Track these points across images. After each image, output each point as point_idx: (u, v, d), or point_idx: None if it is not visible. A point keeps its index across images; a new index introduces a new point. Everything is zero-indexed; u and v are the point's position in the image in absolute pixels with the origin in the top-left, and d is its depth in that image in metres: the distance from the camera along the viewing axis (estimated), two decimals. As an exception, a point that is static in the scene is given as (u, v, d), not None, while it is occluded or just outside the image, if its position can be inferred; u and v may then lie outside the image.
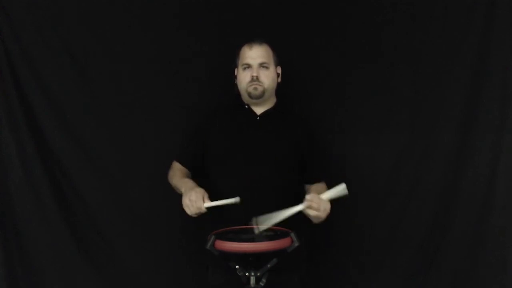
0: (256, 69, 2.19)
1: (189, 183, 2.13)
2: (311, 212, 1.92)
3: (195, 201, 1.98)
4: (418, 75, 2.53)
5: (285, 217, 1.89)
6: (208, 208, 1.99)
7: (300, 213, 2.03)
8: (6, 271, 2.38)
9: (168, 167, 2.34)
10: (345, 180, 2.45)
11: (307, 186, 2.26)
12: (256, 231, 1.87)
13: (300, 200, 2.26)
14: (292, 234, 1.82)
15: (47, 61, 2.43)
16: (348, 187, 1.94)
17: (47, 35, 2.43)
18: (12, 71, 2.39)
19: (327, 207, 1.94)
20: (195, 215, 2.01)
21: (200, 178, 2.25)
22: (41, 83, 2.43)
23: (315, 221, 1.98)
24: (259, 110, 2.26)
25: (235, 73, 2.28)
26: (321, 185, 2.25)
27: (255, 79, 2.18)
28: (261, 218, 1.88)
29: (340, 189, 1.93)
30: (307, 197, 1.93)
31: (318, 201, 1.92)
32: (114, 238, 2.52)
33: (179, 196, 2.18)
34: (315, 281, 2.51)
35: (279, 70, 2.28)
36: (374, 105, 2.56)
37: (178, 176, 2.25)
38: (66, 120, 2.46)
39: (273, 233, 1.88)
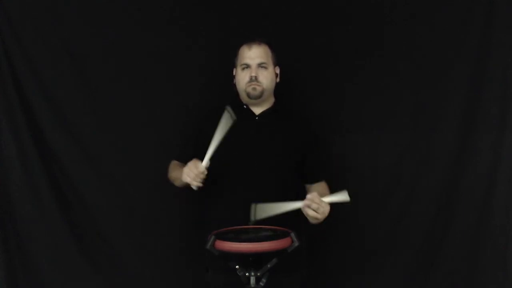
0: (255, 69, 2.18)
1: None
2: (310, 212, 1.92)
3: (192, 165, 1.99)
4: (418, 75, 2.54)
5: (284, 211, 1.89)
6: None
7: (301, 213, 2.03)
8: (6, 271, 2.39)
9: (168, 167, 2.34)
10: (345, 180, 2.47)
11: (307, 186, 2.26)
12: (252, 218, 1.87)
13: (300, 200, 2.26)
14: (292, 234, 1.82)
15: (47, 61, 2.44)
16: (349, 187, 1.93)
17: (47, 35, 2.43)
18: (12, 71, 2.39)
19: (326, 209, 1.94)
20: (199, 181, 2.00)
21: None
22: (41, 83, 2.43)
23: (312, 221, 1.98)
24: (257, 110, 2.25)
25: (234, 73, 2.28)
26: (322, 185, 2.25)
27: (253, 79, 2.18)
28: (260, 205, 1.89)
29: (341, 196, 1.93)
30: (308, 196, 1.93)
31: (319, 202, 1.92)
32: (114, 238, 2.52)
33: (179, 196, 2.19)
34: (315, 281, 2.51)
35: (278, 70, 2.27)
36: (374, 105, 2.56)
37: (177, 169, 2.25)
38: (66, 120, 2.46)
39: (273, 233, 1.88)
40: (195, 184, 2.00)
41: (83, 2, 2.47)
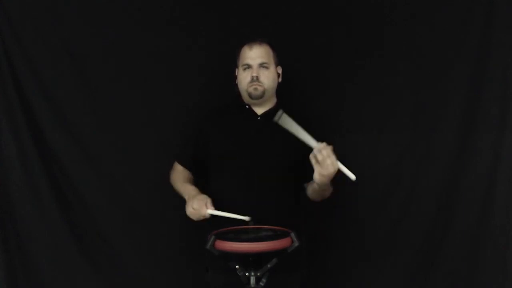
0: (256, 69, 2.18)
1: (192, 190, 2.15)
2: (319, 156, 1.86)
3: (198, 209, 2.01)
4: (418, 75, 2.54)
5: (299, 136, 1.90)
6: (211, 215, 2.01)
7: (300, 213, 2.03)
8: (6, 271, 2.38)
9: (168, 167, 2.35)
10: (345, 180, 2.46)
11: (306, 184, 2.25)
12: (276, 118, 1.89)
13: (300, 201, 2.26)
14: (292, 234, 1.82)
15: (47, 61, 2.44)
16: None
17: (47, 35, 2.43)
18: (12, 71, 2.39)
19: (334, 165, 1.87)
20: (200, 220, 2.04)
21: (201, 178, 2.25)
22: (41, 83, 2.43)
23: (316, 172, 1.91)
24: (259, 110, 2.25)
25: (236, 73, 2.28)
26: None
27: (255, 79, 2.18)
28: (285, 116, 1.89)
29: (350, 174, 1.88)
30: (321, 145, 1.88)
31: (326, 155, 1.86)
32: (114, 238, 2.51)
33: (179, 196, 2.19)
34: (315, 281, 2.51)
35: (280, 70, 2.27)
36: (375, 105, 2.56)
37: (180, 180, 2.25)
38: (66, 120, 2.46)
39: (273, 233, 1.88)
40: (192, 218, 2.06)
41: (83, 2, 2.47)
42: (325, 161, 1.88)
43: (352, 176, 1.87)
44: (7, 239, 2.40)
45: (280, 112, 1.89)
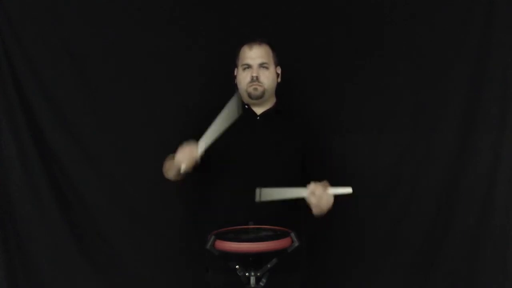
0: (256, 70, 2.18)
1: None
2: (313, 200, 1.90)
3: (189, 149, 1.97)
4: (418, 75, 2.54)
5: (287, 197, 1.91)
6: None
7: (300, 213, 2.02)
8: (6, 271, 2.39)
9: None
10: (346, 180, 2.45)
11: (308, 186, 2.25)
12: (257, 198, 1.89)
13: (300, 200, 2.26)
14: (292, 234, 1.82)
15: (47, 61, 2.44)
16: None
17: (47, 35, 2.43)
18: (12, 71, 2.39)
19: (329, 199, 1.91)
20: (189, 166, 1.97)
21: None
22: (41, 83, 2.43)
23: (315, 210, 1.94)
24: (259, 110, 2.25)
25: (235, 73, 2.28)
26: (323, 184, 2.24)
27: (255, 80, 2.18)
28: (265, 190, 1.90)
29: (344, 188, 1.91)
30: (311, 187, 1.91)
31: (320, 194, 1.89)
32: (114, 238, 2.52)
33: (179, 196, 2.18)
34: (315, 281, 2.51)
35: (279, 70, 2.27)
36: (375, 105, 2.56)
37: (171, 160, 2.22)
38: (66, 120, 2.46)
39: (273, 233, 1.88)
40: (183, 166, 1.97)
41: (83, 2, 2.47)
42: (321, 200, 1.90)
43: (349, 190, 1.89)
44: (7, 239, 2.41)
45: (258, 190, 1.91)
